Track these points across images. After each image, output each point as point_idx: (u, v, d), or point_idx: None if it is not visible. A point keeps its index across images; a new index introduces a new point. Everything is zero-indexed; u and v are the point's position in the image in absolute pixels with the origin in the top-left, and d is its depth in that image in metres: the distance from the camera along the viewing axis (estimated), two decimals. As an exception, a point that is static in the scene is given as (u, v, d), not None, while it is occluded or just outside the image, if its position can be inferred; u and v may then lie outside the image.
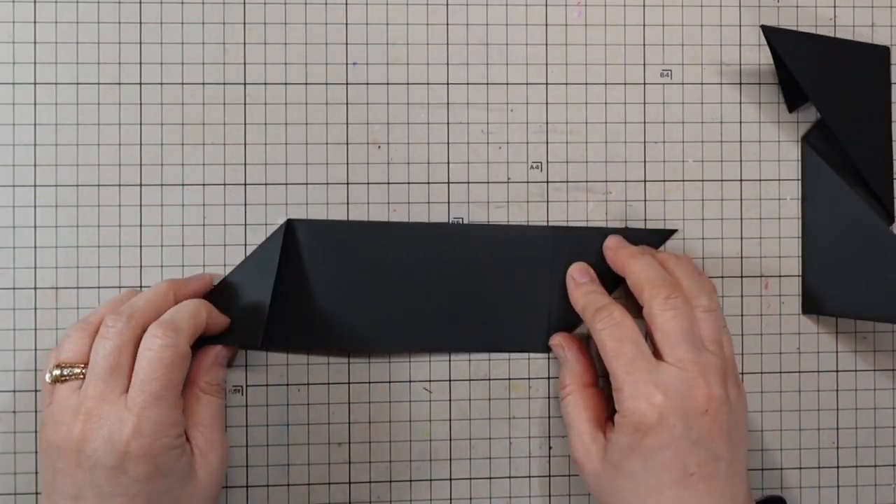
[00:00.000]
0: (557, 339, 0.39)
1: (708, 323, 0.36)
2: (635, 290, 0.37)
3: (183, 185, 0.40)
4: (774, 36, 0.38)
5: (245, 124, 0.40)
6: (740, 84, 0.42)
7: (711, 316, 0.36)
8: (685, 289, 0.36)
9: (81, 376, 0.34)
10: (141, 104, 0.40)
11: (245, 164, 0.40)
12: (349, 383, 0.40)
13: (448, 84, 0.41)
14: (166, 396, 0.33)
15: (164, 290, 0.37)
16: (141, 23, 0.40)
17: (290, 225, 0.39)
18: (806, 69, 0.39)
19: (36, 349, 0.39)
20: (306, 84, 0.40)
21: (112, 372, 0.33)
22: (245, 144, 0.40)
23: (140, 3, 0.40)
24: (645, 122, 0.41)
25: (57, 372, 0.34)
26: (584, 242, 0.40)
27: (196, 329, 0.35)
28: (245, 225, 0.40)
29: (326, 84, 0.40)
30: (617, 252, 0.39)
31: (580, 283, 0.39)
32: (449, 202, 0.41)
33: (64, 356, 0.35)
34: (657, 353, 0.35)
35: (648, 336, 0.36)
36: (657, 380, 0.34)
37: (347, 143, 0.40)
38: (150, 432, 0.33)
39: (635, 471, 0.34)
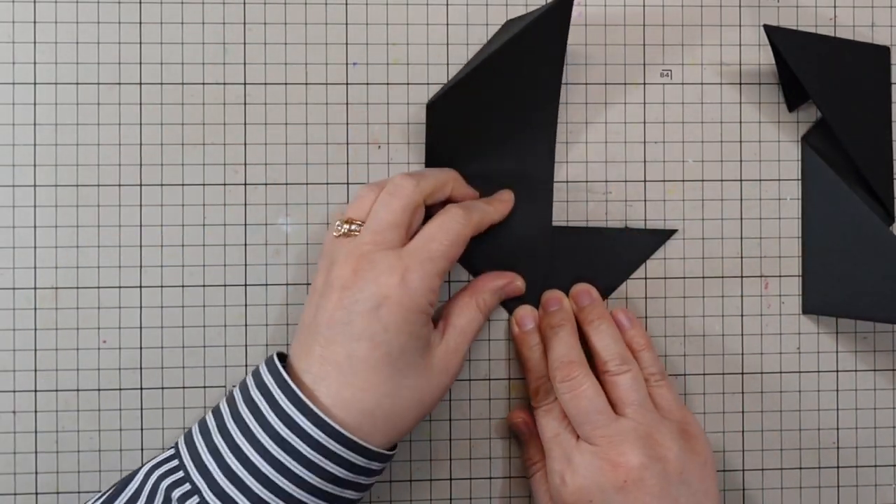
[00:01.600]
0: (520, 417, 0.39)
1: (620, 385, 0.36)
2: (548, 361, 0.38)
3: (183, 185, 0.40)
4: (777, 35, 0.38)
5: (245, 124, 0.40)
6: (740, 84, 0.42)
7: (623, 378, 0.36)
8: (597, 355, 0.37)
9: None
10: (141, 104, 0.40)
11: (245, 164, 0.40)
12: (349, 383, 0.40)
13: (448, 84, 0.41)
14: (439, 263, 0.34)
15: (450, 177, 0.37)
16: (141, 23, 0.40)
17: None
18: (807, 69, 0.39)
19: (36, 349, 0.39)
20: (306, 84, 0.40)
21: (392, 226, 0.34)
22: (245, 144, 0.40)
23: (140, 3, 0.40)
24: (645, 122, 0.41)
25: (345, 227, 0.35)
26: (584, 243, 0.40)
27: (480, 227, 0.36)
28: (245, 225, 0.40)
29: (326, 84, 0.40)
30: (543, 319, 0.39)
31: (525, 330, 0.39)
32: (449, 202, 0.40)
33: (352, 213, 0.35)
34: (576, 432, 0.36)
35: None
36: (571, 457, 0.35)
37: (347, 143, 0.40)
38: (413, 287, 0.33)
39: None
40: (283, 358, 0.35)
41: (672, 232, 0.41)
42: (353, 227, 0.35)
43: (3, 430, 0.39)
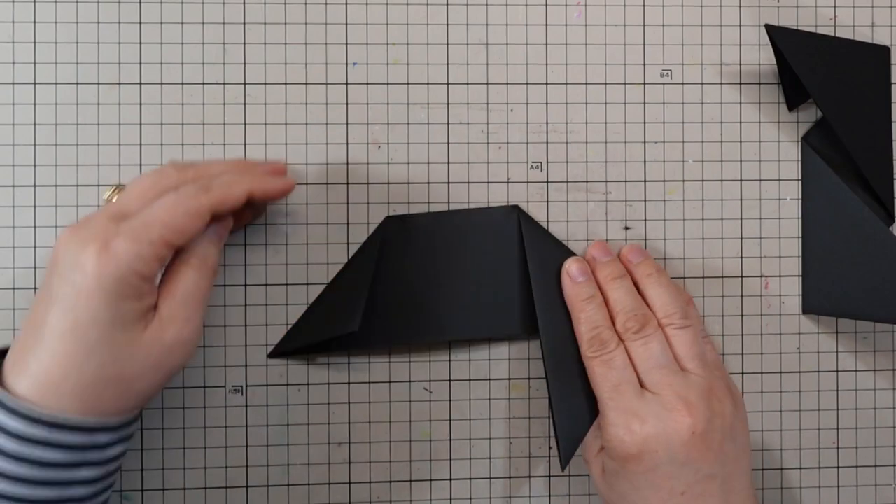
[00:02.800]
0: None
1: (682, 340, 0.36)
2: (611, 314, 0.37)
3: (183, 185, 0.40)
4: (778, 35, 0.38)
5: (245, 124, 0.40)
6: (740, 84, 0.42)
7: (685, 332, 0.36)
8: (657, 309, 0.37)
9: None
10: (141, 104, 0.40)
11: (245, 164, 0.40)
12: (349, 383, 0.40)
13: (448, 84, 0.41)
14: (155, 230, 0.31)
15: (241, 189, 0.34)
16: (141, 23, 0.40)
17: (387, 221, 0.40)
18: (809, 68, 0.39)
19: (36, 349, 0.39)
20: (306, 84, 0.40)
21: (136, 198, 0.32)
22: (245, 144, 0.40)
23: (140, 3, 0.40)
24: (645, 122, 0.41)
25: (110, 193, 0.34)
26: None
27: (224, 203, 0.33)
28: (245, 225, 0.40)
29: (326, 84, 0.40)
30: (597, 268, 0.39)
31: (577, 281, 0.38)
32: (449, 202, 0.41)
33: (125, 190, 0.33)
34: (641, 382, 0.36)
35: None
36: (637, 408, 0.35)
37: (347, 143, 0.40)
38: (117, 252, 0.30)
39: (625, 492, 0.35)
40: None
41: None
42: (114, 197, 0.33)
43: (3, 430, 0.39)
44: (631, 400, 0.35)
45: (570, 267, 0.39)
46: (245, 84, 0.40)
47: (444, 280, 0.39)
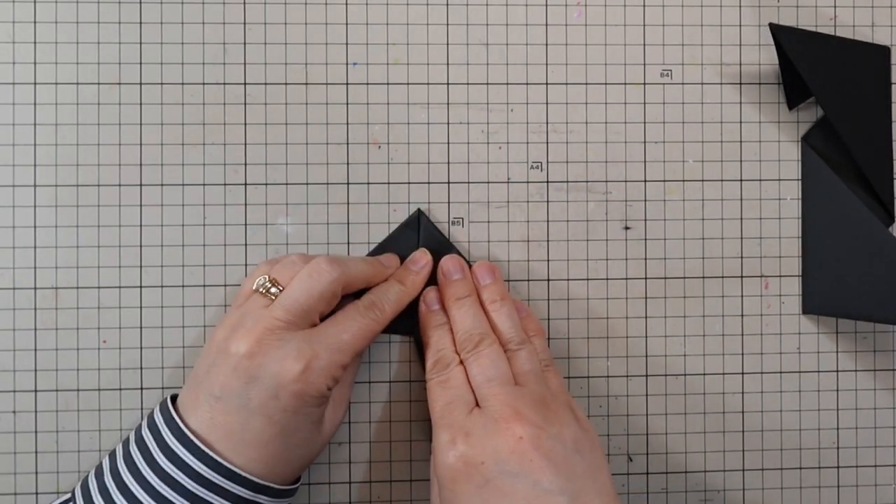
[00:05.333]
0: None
1: (518, 358, 0.36)
2: (454, 335, 0.37)
3: (183, 185, 0.40)
4: (781, 34, 0.38)
5: (245, 124, 0.40)
6: (740, 84, 0.42)
7: (522, 351, 0.36)
8: (498, 335, 0.37)
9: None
10: (141, 104, 0.40)
11: (245, 164, 0.40)
12: (349, 383, 0.40)
13: (448, 84, 0.41)
14: (346, 355, 0.35)
15: (374, 271, 0.37)
16: (141, 23, 0.40)
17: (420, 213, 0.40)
18: (811, 67, 0.39)
19: (36, 349, 0.39)
20: (306, 84, 0.40)
21: (305, 312, 0.34)
22: (245, 144, 0.40)
23: (140, 3, 0.40)
24: (645, 122, 0.41)
25: (267, 286, 0.35)
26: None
27: (395, 315, 0.37)
28: (245, 225, 0.40)
29: (326, 84, 0.40)
30: (445, 288, 0.39)
31: (431, 309, 0.39)
32: (449, 202, 0.41)
33: (277, 275, 0.36)
34: (477, 399, 0.35)
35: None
36: (464, 423, 0.33)
37: (347, 143, 0.40)
38: (316, 375, 0.34)
39: None
40: (175, 399, 0.35)
41: None
42: (273, 288, 0.35)
43: (4, 430, 0.39)
44: (459, 416, 0.33)
45: (427, 295, 0.39)
46: (245, 84, 0.40)
47: None
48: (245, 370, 0.33)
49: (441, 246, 0.40)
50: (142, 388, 0.39)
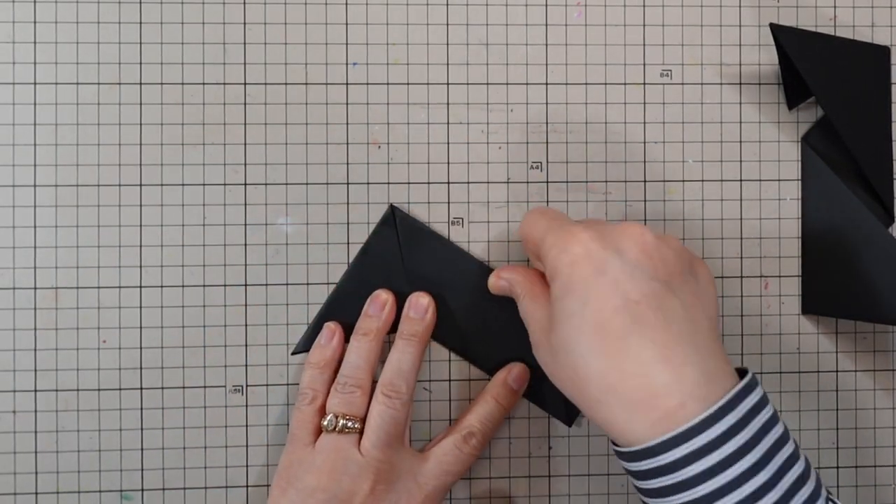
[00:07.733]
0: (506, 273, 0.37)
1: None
2: (538, 248, 0.34)
3: (183, 185, 0.40)
4: (781, 34, 0.38)
5: (245, 124, 0.40)
6: (740, 84, 0.42)
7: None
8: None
9: (356, 430, 0.36)
10: (141, 104, 0.40)
11: (245, 164, 0.40)
12: (349, 383, 0.40)
13: (448, 84, 0.41)
14: (447, 492, 0.38)
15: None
16: (141, 23, 0.40)
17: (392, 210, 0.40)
18: (811, 67, 0.39)
19: (36, 349, 0.39)
20: (306, 84, 0.40)
21: (397, 438, 0.37)
22: (245, 144, 0.40)
23: (140, 3, 0.40)
24: (645, 122, 0.41)
25: (340, 423, 0.36)
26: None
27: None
28: (245, 225, 0.40)
29: (326, 84, 0.40)
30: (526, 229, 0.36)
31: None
32: (449, 202, 0.41)
33: (345, 409, 0.37)
34: None
35: None
36: (582, 223, 0.33)
37: (347, 143, 0.40)
38: (385, 477, 0.36)
39: (574, 311, 0.30)
40: None
41: None
42: (349, 423, 0.36)
43: (3, 430, 0.39)
44: (573, 223, 0.33)
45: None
46: (245, 84, 0.40)
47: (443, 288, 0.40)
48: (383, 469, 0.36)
49: (425, 237, 0.40)
50: (142, 388, 0.39)
